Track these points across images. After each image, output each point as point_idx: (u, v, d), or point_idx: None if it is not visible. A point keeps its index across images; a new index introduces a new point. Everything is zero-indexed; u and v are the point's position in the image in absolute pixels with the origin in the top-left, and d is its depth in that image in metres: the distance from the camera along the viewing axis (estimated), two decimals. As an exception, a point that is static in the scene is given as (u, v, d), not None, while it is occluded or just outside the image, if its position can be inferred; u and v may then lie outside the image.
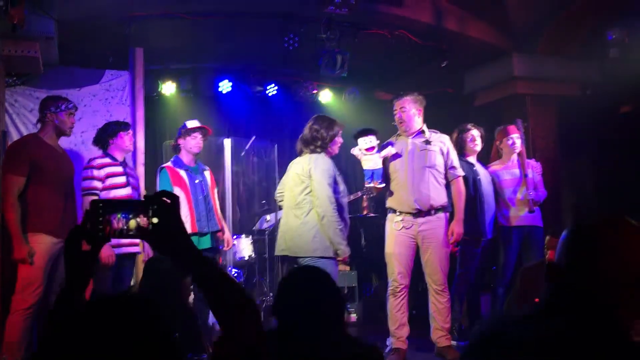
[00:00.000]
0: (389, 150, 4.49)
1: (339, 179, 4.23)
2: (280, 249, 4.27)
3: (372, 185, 4.44)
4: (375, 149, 4.36)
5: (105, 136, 4.42)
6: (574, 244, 1.20)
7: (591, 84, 6.41)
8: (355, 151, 4.48)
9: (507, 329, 1.14)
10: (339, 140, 4.30)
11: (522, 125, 5.22)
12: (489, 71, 6.49)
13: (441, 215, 4.50)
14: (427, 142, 4.52)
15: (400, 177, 4.49)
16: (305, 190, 4.17)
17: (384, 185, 4.46)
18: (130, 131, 4.50)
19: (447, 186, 4.60)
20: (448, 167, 4.57)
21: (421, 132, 4.58)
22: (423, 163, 4.47)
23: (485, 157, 5.42)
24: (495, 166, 5.27)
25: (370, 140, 4.35)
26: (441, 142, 4.57)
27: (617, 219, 1.20)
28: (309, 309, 1.85)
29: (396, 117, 4.57)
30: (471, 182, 4.88)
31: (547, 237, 3.74)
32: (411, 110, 4.53)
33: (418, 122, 4.57)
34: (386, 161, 4.52)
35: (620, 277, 1.13)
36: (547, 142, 6.27)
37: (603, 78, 6.24)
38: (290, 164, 4.43)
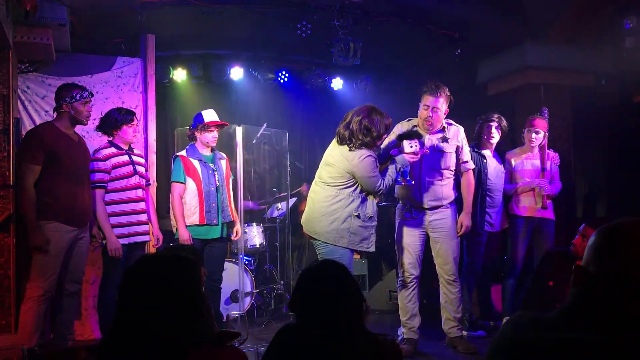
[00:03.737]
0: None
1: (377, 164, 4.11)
2: (304, 218, 4.25)
3: (402, 184, 4.32)
4: (417, 156, 4.20)
5: (109, 128, 4.41)
6: (604, 249, 1.18)
7: (606, 74, 6.33)
8: (395, 152, 4.30)
9: (535, 334, 1.13)
10: (386, 136, 4.17)
11: (548, 113, 5.16)
12: (502, 60, 6.42)
13: (451, 205, 4.51)
14: (445, 139, 4.44)
15: (414, 174, 4.42)
16: (342, 185, 4.05)
17: (413, 183, 4.35)
18: (135, 121, 4.46)
19: (456, 177, 4.60)
20: (460, 162, 4.55)
21: (441, 130, 4.48)
22: (438, 165, 4.41)
23: (510, 146, 5.42)
24: (517, 155, 5.22)
25: (416, 145, 4.17)
26: (457, 138, 4.50)
27: None
28: (328, 305, 1.85)
29: (424, 114, 4.38)
30: (476, 174, 4.85)
31: (583, 225, 3.70)
32: (442, 111, 4.39)
33: (442, 121, 4.47)
34: None
35: None
36: (561, 132, 6.21)
37: (618, 68, 6.16)
38: (331, 146, 4.21)
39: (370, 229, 4.12)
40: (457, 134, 4.52)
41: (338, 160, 4.05)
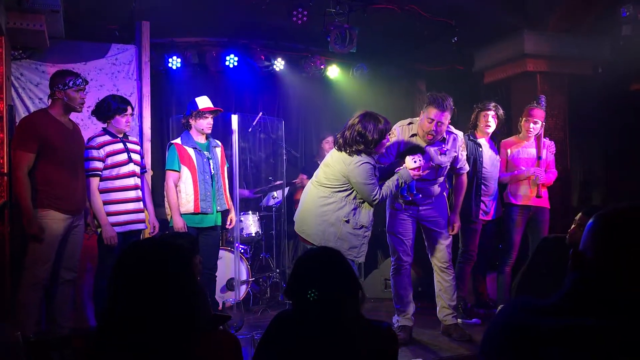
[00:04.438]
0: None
1: (376, 173, 4.03)
2: (295, 217, 4.21)
3: (410, 199, 4.24)
4: (421, 170, 4.08)
5: (103, 115, 4.38)
6: (603, 233, 1.17)
7: (603, 62, 6.32)
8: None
9: (532, 320, 1.13)
10: (385, 141, 4.03)
11: (545, 101, 5.14)
12: (499, 48, 6.40)
13: (441, 196, 4.53)
14: (443, 151, 4.35)
15: None
16: (336, 187, 3.99)
17: (420, 196, 4.31)
18: (129, 110, 4.40)
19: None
20: (455, 168, 4.54)
21: (441, 141, 4.36)
22: (432, 176, 4.37)
23: (505, 134, 5.42)
24: (512, 143, 5.21)
25: (419, 160, 4.07)
26: (455, 147, 4.43)
27: None
28: (323, 291, 1.84)
29: (427, 127, 4.21)
30: (471, 163, 4.85)
31: (580, 215, 3.68)
32: (446, 125, 4.27)
33: (444, 133, 4.34)
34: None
35: None
36: (557, 120, 6.20)
37: (615, 56, 6.15)
38: (333, 150, 4.15)
39: (362, 239, 4.04)
40: (456, 143, 4.44)
41: (336, 162, 4.00)
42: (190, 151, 4.63)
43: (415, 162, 4.05)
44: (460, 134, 4.51)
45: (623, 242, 1.13)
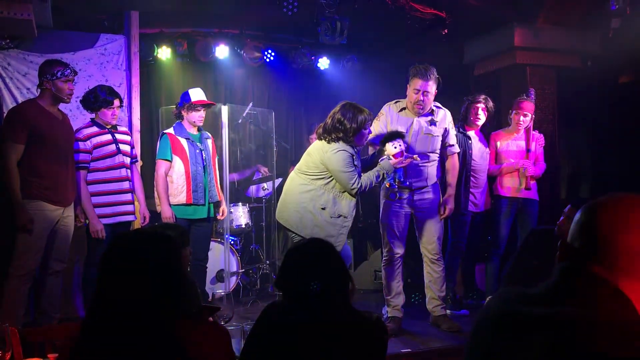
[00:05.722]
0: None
1: (357, 163, 4.07)
2: (278, 205, 4.29)
3: (397, 187, 4.24)
4: (403, 154, 4.12)
5: (90, 106, 4.33)
6: (589, 223, 1.18)
7: (592, 55, 6.35)
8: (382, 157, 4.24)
9: (520, 308, 1.14)
10: (366, 132, 4.06)
11: (534, 94, 5.17)
12: (489, 41, 6.40)
13: (435, 185, 4.54)
14: (433, 122, 4.41)
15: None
16: (315, 175, 4.04)
17: (407, 183, 4.32)
18: (116, 103, 4.34)
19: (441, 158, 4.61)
20: (446, 146, 4.56)
21: (430, 112, 4.43)
22: (425, 149, 4.40)
23: (495, 126, 5.44)
24: (502, 135, 5.23)
25: (399, 145, 4.11)
26: (444, 121, 4.49)
27: (635, 198, 1.18)
28: (313, 283, 1.84)
29: (415, 98, 4.30)
30: (461, 155, 4.87)
31: (569, 207, 3.69)
32: (432, 94, 4.33)
33: (432, 103, 4.42)
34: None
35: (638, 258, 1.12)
36: (546, 113, 6.23)
37: (604, 49, 6.17)
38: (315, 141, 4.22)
39: (340, 228, 4.05)
40: (445, 118, 4.52)
41: (316, 150, 4.07)
42: (183, 142, 4.61)
43: (395, 147, 4.09)
44: (448, 111, 4.56)
45: (609, 232, 1.14)
